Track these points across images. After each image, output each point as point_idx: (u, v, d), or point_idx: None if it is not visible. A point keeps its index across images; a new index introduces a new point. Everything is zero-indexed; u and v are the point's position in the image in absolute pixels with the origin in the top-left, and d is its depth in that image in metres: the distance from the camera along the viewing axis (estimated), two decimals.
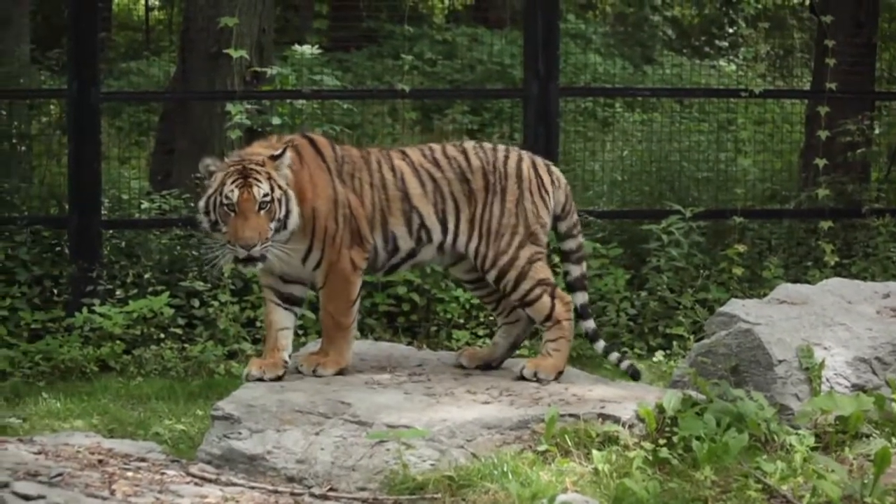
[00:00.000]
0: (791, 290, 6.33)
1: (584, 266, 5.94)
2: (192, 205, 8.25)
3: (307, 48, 10.20)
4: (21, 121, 9.49)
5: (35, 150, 9.62)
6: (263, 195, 5.31)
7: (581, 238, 5.94)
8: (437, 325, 8.35)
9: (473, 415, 5.10)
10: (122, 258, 8.56)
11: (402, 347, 6.45)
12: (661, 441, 5.01)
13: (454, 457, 4.88)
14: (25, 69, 9.93)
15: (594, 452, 4.90)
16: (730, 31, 16.90)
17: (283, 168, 5.42)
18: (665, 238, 8.60)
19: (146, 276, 8.27)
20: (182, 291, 8.19)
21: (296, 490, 4.80)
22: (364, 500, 4.72)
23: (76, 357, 7.62)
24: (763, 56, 13.01)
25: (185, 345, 7.88)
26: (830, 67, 8.88)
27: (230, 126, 8.21)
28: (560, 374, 5.62)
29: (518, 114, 9.76)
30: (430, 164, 5.71)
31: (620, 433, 5.02)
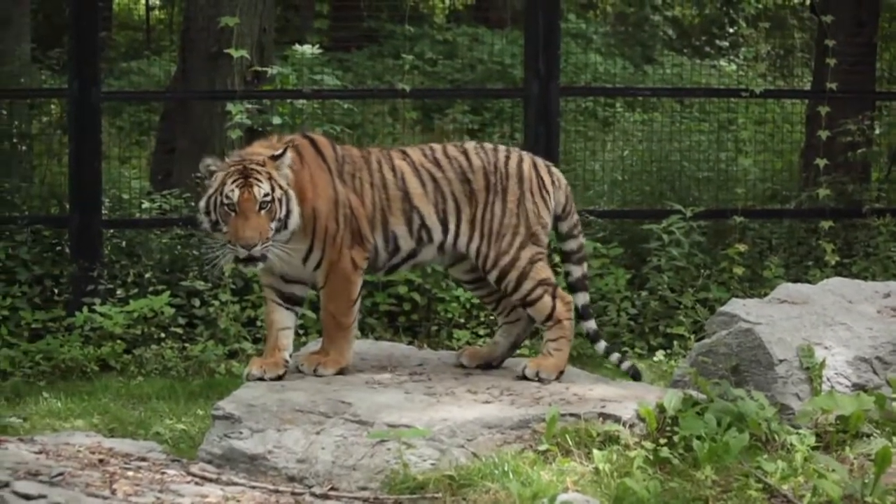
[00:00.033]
0: (792, 290, 6.33)
1: (586, 266, 5.94)
2: (193, 204, 8.25)
3: (308, 48, 10.19)
4: (22, 120, 9.49)
5: (36, 150, 9.62)
6: (264, 195, 5.31)
7: (582, 238, 5.94)
8: (438, 325, 8.35)
9: (474, 414, 5.09)
10: (123, 258, 8.57)
11: (403, 347, 6.44)
12: (662, 440, 5.00)
13: (455, 456, 4.88)
14: (26, 68, 9.93)
15: (595, 452, 4.90)
16: (730, 31, 16.91)
17: (284, 168, 5.41)
18: (666, 238, 8.60)
19: (147, 276, 8.27)
20: (183, 291, 8.19)
21: (296, 489, 4.80)
22: (365, 500, 4.72)
23: (77, 356, 7.63)
24: (763, 56, 13.03)
25: (186, 344, 7.89)
26: (831, 67, 8.88)
27: (231, 126, 8.20)
28: (561, 374, 5.62)
29: (518, 113, 9.76)
30: (431, 164, 5.70)
31: (621, 433, 5.02)
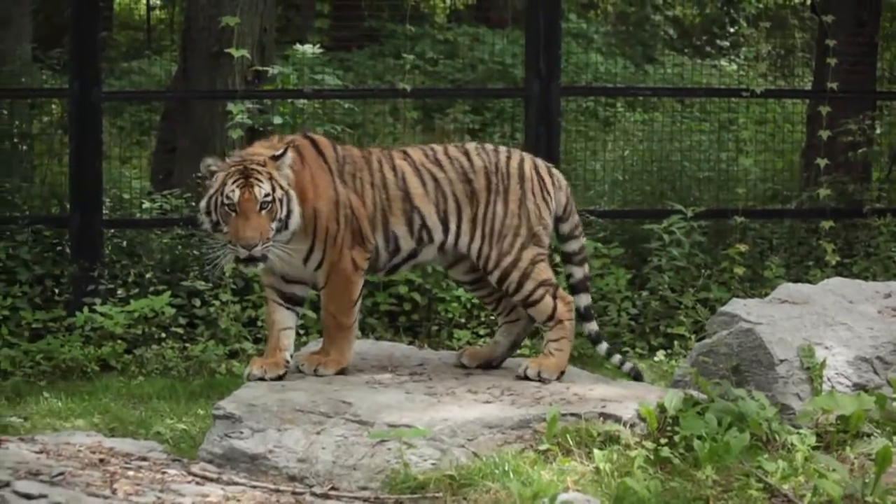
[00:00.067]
0: (792, 290, 6.33)
1: (587, 268, 5.94)
2: (194, 204, 8.25)
3: (308, 47, 10.20)
4: (22, 120, 9.49)
5: (36, 150, 9.62)
6: (265, 195, 5.31)
7: (583, 239, 5.94)
8: (439, 325, 8.35)
9: (475, 414, 5.09)
10: (124, 258, 8.57)
11: (404, 347, 6.44)
12: (663, 440, 5.00)
13: (455, 456, 4.88)
14: (27, 68, 9.92)
15: (595, 452, 4.90)
16: (731, 31, 16.91)
17: (285, 168, 5.41)
18: (666, 238, 8.60)
19: (147, 276, 8.27)
20: (183, 291, 8.19)
21: (297, 489, 4.80)
22: (365, 500, 4.72)
23: (77, 356, 7.63)
24: (764, 56, 13.02)
25: (187, 344, 7.89)
26: (832, 67, 8.87)
27: (231, 125, 8.20)
28: (562, 374, 5.62)
29: (519, 113, 9.75)
30: (432, 164, 5.70)
31: (622, 432, 5.02)
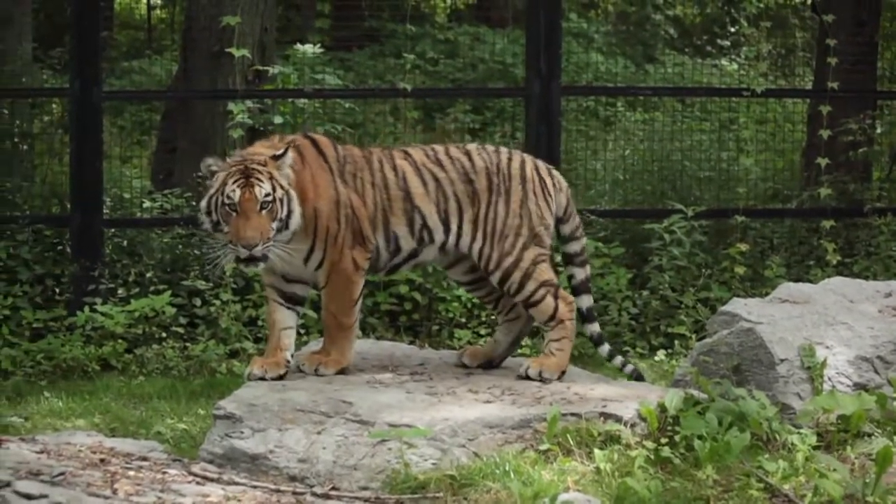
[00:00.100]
0: (793, 290, 6.32)
1: (589, 269, 5.94)
2: (194, 204, 8.25)
3: (309, 47, 10.19)
4: (23, 119, 9.49)
5: (37, 149, 9.63)
6: (265, 195, 5.31)
7: (584, 241, 5.94)
8: (439, 324, 8.35)
9: (475, 414, 5.09)
10: (124, 257, 8.57)
11: (404, 346, 6.44)
12: (663, 440, 5.00)
13: (456, 456, 4.88)
14: (27, 68, 9.93)
15: (596, 451, 4.90)
16: (731, 31, 16.92)
17: (285, 168, 5.41)
18: (667, 237, 8.60)
19: (148, 275, 8.27)
20: (184, 290, 8.19)
21: (298, 489, 4.80)
22: (366, 500, 4.72)
23: (78, 356, 7.63)
24: (765, 55, 13.02)
25: (187, 344, 7.89)
26: (832, 66, 8.87)
27: (232, 125, 8.20)
28: (563, 374, 5.62)
29: (520, 113, 9.75)
30: (433, 164, 5.70)
31: (622, 432, 5.01)
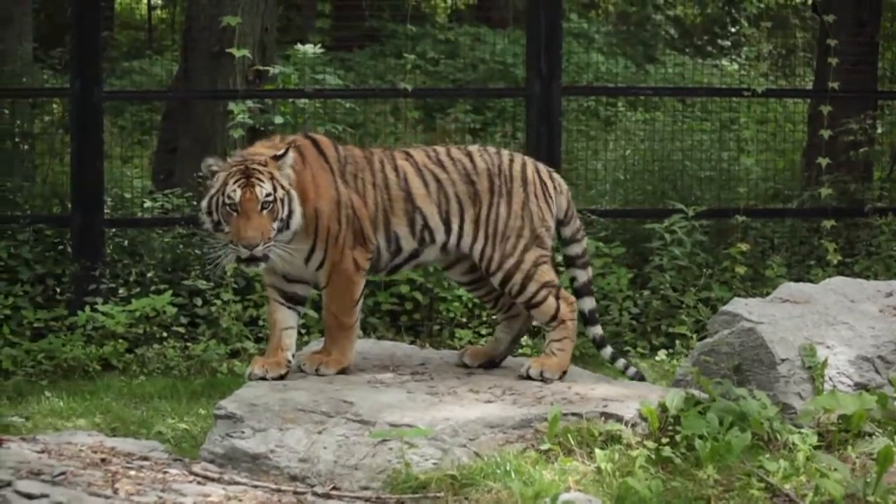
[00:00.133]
0: (794, 289, 6.32)
1: (590, 271, 5.94)
2: (195, 204, 8.25)
3: (309, 47, 10.19)
4: (24, 120, 9.50)
5: (38, 149, 9.63)
6: (266, 195, 5.31)
7: (585, 243, 5.94)
8: (440, 324, 8.35)
9: (476, 414, 5.09)
10: (125, 257, 8.57)
11: (405, 346, 6.44)
12: (664, 440, 5.00)
13: (457, 456, 4.88)
14: (28, 68, 9.94)
15: (597, 451, 4.90)
16: (732, 31, 16.92)
17: (286, 168, 5.41)
18: (668, 237, 8.60)
19: (149, 275, 8.27)
20: (185, 290, 8.19)
21: (298, 489, 4.80)
22: (367, 499, 4.72)
23: (79, 356, 7.63)
24: (765, 55, 13.03)
25: (188, 343, 7.89)
26: (833, 66, 8.87)
27: (233, 125, 8.20)
28: (564, 374, 5.62)
29: (520, 113, 9.76)
30: (435, 165, 5.70)
31: (623, 432, 5.01)
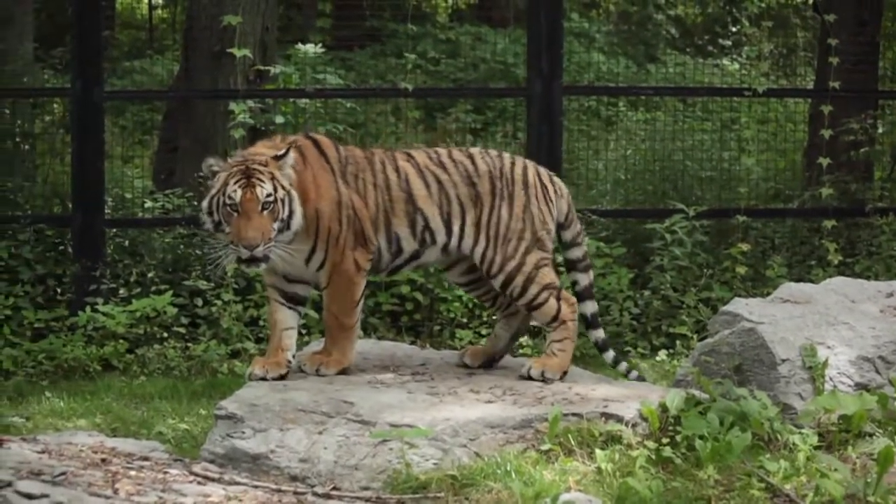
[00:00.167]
0: (794, 289, 6.32)
1: (592, 274, 5.95)
2: (196, 204, 8.25)
3: (310, 47, 10.18)
4: (24, 119, 9.50)
5: (38, 149, 9.63)
6: (266, 195, 5.31)
7: (585, 246, 5.95)
8: (441, 325, 8.35)
9: (477, 414, 5.09)
10: (126, 257, 8.57)
11: (406, 346, 6.44)
12: (665, 440, 5.00)
13: (457, 456, 4.88)
14: (29, 68, 9.94)
15: (597, 451, 4.90)
16: (733, 30, 16.92)
17: (287, 168, 5.41)
18: (668, 237, 8.59)
19: (149, 275, 8.27)
20: (185, 290, 8.19)
21: (299, 489, 4.80)
22: (367, 500, 4.72)
23: (79, 356, 7.63)
24: (766, 55, 13.02)
25: (189, 344, 7.89)
26: (834, 66, 8.86)
27: (233, 125, 8.20)
28: (565, 374, 5.63)
29: (521, 113, 9.76)
30: (436, 167, 5.70)
31: (623, 432, 5.01)
